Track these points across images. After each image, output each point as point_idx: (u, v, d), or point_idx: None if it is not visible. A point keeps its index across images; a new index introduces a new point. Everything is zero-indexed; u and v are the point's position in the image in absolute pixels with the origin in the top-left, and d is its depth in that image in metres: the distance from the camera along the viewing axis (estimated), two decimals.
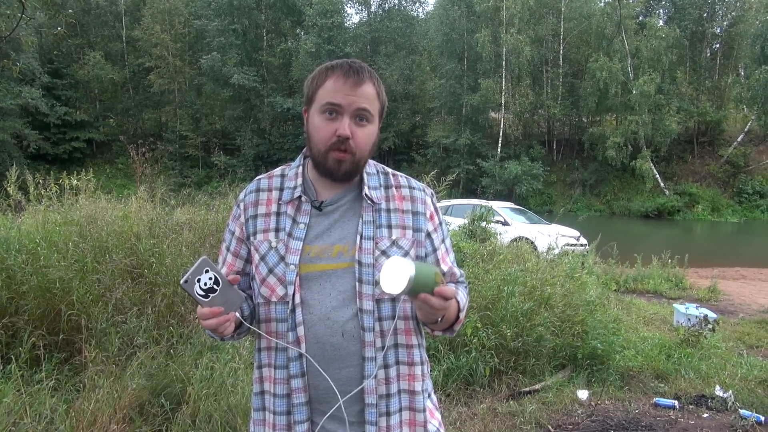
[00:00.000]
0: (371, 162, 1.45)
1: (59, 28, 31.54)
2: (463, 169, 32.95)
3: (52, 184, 5.65)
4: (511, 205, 15.68)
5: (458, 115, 36.61)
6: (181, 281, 1.20)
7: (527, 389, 4.31)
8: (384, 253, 1.34)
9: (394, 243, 1.36)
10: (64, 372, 3.44)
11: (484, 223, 7.62)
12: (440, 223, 1.47)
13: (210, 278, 1.22)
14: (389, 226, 1.37)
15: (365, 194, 1.38)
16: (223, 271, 1.43)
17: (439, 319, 1.30)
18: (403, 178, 1.47)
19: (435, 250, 1.43)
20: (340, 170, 1.33)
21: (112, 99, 40.30)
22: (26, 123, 32.66)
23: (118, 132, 35.97)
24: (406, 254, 1.37)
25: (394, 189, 1.43)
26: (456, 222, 8.66)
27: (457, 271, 1.49)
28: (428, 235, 1.42)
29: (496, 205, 13.98)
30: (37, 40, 32.82)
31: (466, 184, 33.55)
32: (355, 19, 43.46)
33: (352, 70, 1.32)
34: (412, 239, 1.39)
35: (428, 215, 1.43)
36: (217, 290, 1.22)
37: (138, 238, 4.51)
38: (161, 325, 3.79)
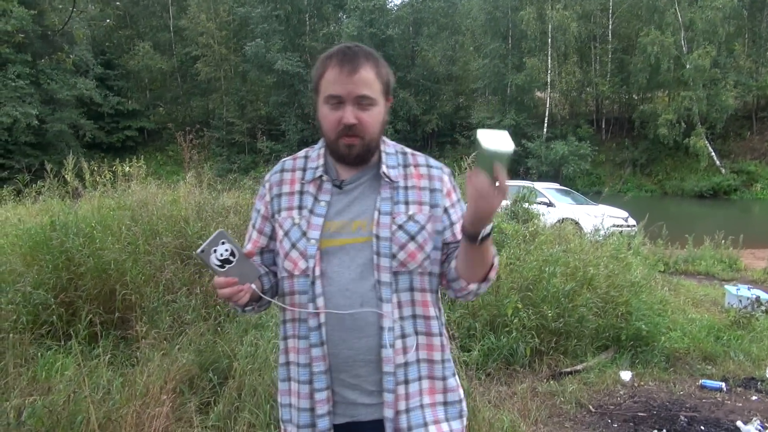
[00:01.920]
0: (390, 143, 1.51)
1: (108, 21, 32.45)
2: None
3: (106, 171, 5.92)
4: (557, 185, 15.40)
5: (503, 95, 35.98)
6: (197, 251, 1.27)
7: (568, 370, 4.29)
8: (401, 227, 1.39)
9: (410, 218, 1.41)
10: (120, 348, 3.64)
11: (526, 204, 7.54)
12: (458, 200, 1.50)
13: (226, 250, 1.28)
14: (406, 202, 1.43)
15: (383, 172, 1.43)
16: (248, 247, 1.49)
17: (479, 238, 1.27)
18: (421, 157, 1.52)
19: (452, 224, 1.46)
20: (351, 154, 1.40)
21: (161, 88, 41.43)
22: (82, 113, 33.96)
23: (168, 120, 37.01)
24: (422, 228, 1.41)
25: (412, 167, 1.48)
26: None
27: None
28: (445, 210, 1.46)
29: (541, 186, 13.77)
30: (89, 33, 34.00)
31: (511, 165, 32.64)
32: (397, 0, 43.11)
33: (346, 57, 1.36)
34: (428, 214, 1.43)
35: (445, 192, 1.47)
36: (233, 261, 1.29)
37: (186, 222, 4.70)
38: (209, 304, 3.96)
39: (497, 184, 1.21)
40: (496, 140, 1.18)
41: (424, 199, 1.44)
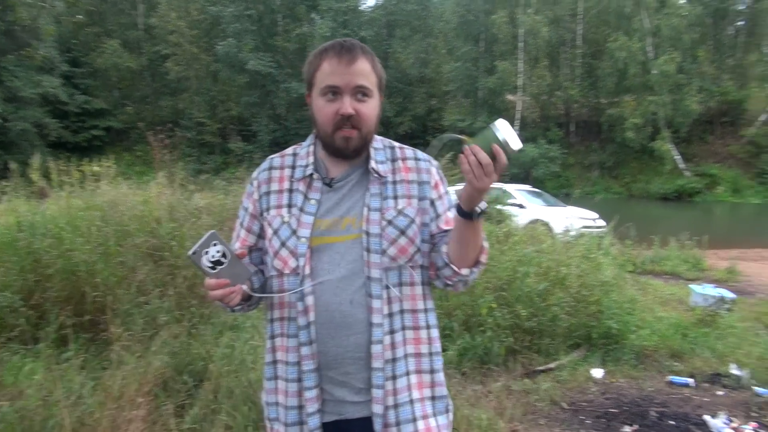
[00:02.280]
0: (378, 138, 1.50)
1: (79, 17, 31.64)
2: None
3: (74, 171, 5.78)
4: (528, 187, 15.59)
5: (474, 98, 36.33)
6: (189, 252, 1.25)
7: (542, 368, 4.35)
8: (390, 223, 1.40)
9: (399, 212, 1.42)
10: (90, 351, 3.56)
11: (499, 206, 7.64)
12: (445, 192, 1.52)
13: (218, 251, 1.27)
14: (395, 197, 1.43)
15: (372, 168, 1.44)
16: (237, 245, 1.48)
17: (477, 210, 1.30)
18: (409, 150, 1.53)
19: (438, 215, 1.47)
20: (349, 147, 1.39)
21: (129, 87, 40.57)
22: (47, 112, 33.04)
23: (136, 119, 36.25)
24: (411, 222, 1.42)
25: (400, 161, 1.49)
26: None
27: None
28: (432, 202, 1.47)
29: (512, 187, 13.93)
30: (56, 29, 33.16)
31: None
32: (371, 2, 43.17)
33: (344, 49, 1.37)
34: (417, 207, 1.44)
35: (433, 184, 1.49)
36: (224, 263, 1.28)
37: (158, 222, 4.61)
38: (183, 305, 3.90)
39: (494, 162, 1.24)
40: (510, 134, 1.24)
41: (412, 192, 1.45)
